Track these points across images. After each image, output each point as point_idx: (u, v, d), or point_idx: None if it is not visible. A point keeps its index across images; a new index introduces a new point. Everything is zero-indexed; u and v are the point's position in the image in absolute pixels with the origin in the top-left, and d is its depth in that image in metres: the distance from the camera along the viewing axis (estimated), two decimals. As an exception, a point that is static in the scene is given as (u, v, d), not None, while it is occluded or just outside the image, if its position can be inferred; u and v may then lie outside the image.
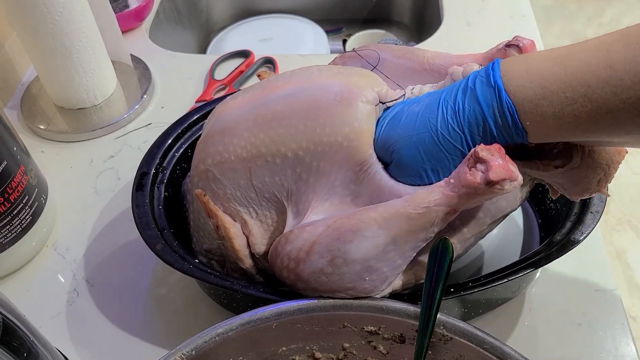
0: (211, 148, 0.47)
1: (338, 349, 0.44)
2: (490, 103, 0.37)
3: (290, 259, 0.42)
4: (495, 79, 0.37)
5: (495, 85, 0.37)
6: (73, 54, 0.70)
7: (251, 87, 0.48)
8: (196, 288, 0.56)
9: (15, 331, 0.37)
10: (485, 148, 0.36)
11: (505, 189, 0.36)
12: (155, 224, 0.50)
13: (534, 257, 0.46)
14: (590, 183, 0.40)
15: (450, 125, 0.38)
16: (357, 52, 0.50)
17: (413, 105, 0.41)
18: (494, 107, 0.37)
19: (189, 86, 0.81)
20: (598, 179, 0.41)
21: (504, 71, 0.37)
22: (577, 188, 0.41)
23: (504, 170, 0.36)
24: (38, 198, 0.60)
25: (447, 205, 0.38)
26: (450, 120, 0.38)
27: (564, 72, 0.35)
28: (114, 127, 0.74)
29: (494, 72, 0.37)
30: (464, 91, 0.38)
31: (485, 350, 0.39)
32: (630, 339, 0.51)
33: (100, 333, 0.54)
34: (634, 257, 1.54)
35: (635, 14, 2.31)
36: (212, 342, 0.41)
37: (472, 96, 0.38)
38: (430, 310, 0.40)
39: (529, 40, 0.42)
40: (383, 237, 0.40)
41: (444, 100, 0.39)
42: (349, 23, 1.15)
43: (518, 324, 0.52)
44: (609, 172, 0.40)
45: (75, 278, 0.59)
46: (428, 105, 0.40)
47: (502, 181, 0.36)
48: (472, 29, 0.88)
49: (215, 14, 1.14)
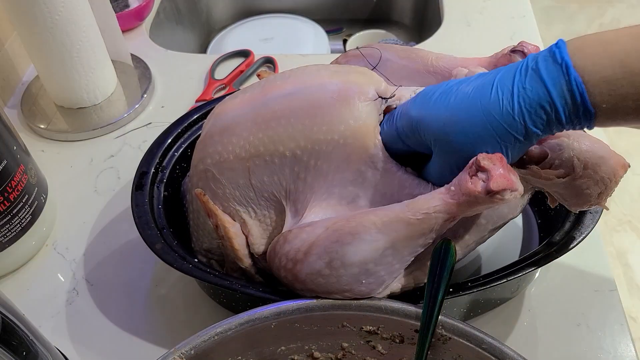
0: (210, 148, 0.47)
1: (337, 349, 0.44)
2: (557, 82, 0.34)
3: (288, 259, 0.42)
4: (562, 56, 0.34)
5: (562, 62, 0.34)
6: (73, 53, 0.70)
7: (250, 87, 0.48)
8: (195, 287, 0.57)
9: (15, 330, 0.37)
10: (486, 157, 0.36)
11: (505, 198, 0.36)
12: (154, 224, 0.50)
13: (533, 257, 0.46)
14: (591, 196, 0.40)
15: (507, 110, 0.35)
16: (360, 51, 0.50)
17: (462, 85, 0.38)
18: (562, 86, 0.34)
19: (189, 86, 0.81)
20: (599, 192, 0.40)
21: (574, 48, 0.34)
22: (577, 199, 0.41)
23: (505, 179, 0.36)
24: (38, 197, 0.60)
25: (447, 212, 0.38)
26: (506, 104, 0.35)
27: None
28: (114, 127, 0.74)
29: (560, 50, 0.34)
30: (524, 72, 0.35)
31: (484, 350, 0.39)
32: (629, 339, 0.51)
33: (100, 332, 0.54)
34: (634, 258, 1.54)
35: (636, 15, 2.30)
36: (211, 342, 0.41)
37: (535, 76, 0.35)
38: (432, 311, 0.40)
39: (533, 46, 0.42)
40: (382, 242, 0.40)
41: (499, 81, 0.36)
42: (349, 23, 1.15)
43: (517, 324, 0.52)
44: (610, 185, 0.40)
45: (75, 277, 0.59)
46: (480, 87, 0.37)
47: (503, 191, 0.36)
48: (472, 29, 0.88)
49: (215, 14, 1.14)
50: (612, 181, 0.40)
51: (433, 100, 0.39)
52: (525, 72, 0.35)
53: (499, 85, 0.36)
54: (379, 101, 0.43)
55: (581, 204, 0.41)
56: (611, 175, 0.40)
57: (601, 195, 0.40)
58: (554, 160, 0.40)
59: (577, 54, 0.34)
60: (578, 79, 0.33)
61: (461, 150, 0.38)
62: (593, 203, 0.41)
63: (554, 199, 0.43)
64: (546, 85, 0.34)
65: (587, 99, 0.34)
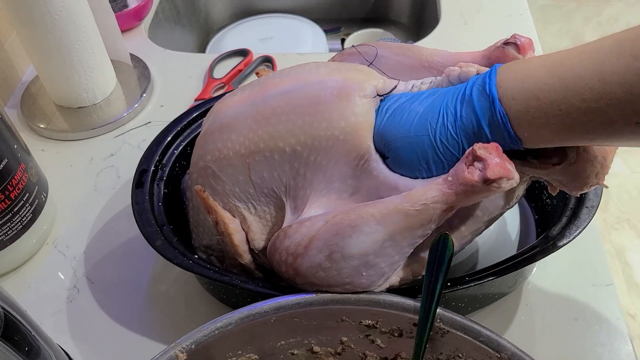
0: (210, 145, 0.47)
1: (336, 343, 0.44)
2: (485, 113, 0.38)
3: (288, 253, 0.42)
4: (490, 89, 0.37)
5: (490, 95, 0.37)
6: (72, 53, 0.70)
7: (249, 85, 0.49)
8: (196, 284, 0.57)
9: (17, 326, 0.37)
10: (483, 146, 0.37)
11: (502, 187, 0.37)
12: (155, 221, 0.51)
13: (530, 252, 0.47)
14: (589, 177, 0.41)
15: (450, 132, 0.39)
16: (357, 49, 0.51)
17: (415, 104, 0.41)
18: (488, 117, 0.37)
19: (188, 85, 0.81)
20: (596, 172, 0.41)
21: (500, 80, 0.37)
22: (576, 183, 0.41)
23: (501, 168, 0.36)
24: (38, 196, 0.60)
25: (445, 202, 0.39)
26: (450, 127, 0.39)
27: (558, 84, 0.34)
28: (114, 126, 0.75)
29: (490, 81, 0.38)
30: (462, 100, 0.39)
31: (482, 342, 0.40)
32: (625, 334, 0.51)
33: (101, 329, 0.55)
34: (632, 256, 1.54)
35: (633, 14, 2.31)
36: (212, 336, 0.41)
37: (469, 105, 0.38)
38: (430, 304, 0.40)
39: (526, 39, 0.42)
40: (381, 233, 0.40)
41: (446, 106, 0.40)
42: (347, 22, 1.15)
43: (515, 319, 0.53)
44: (605, 163, 0.41)
45: (76, 275, 0.59)
46: (430, 108, 0.40)
47: (499, 179, 0.36)
48: (469, 27, 0.89)
49: (214, 14, 1.14)
50: (607, 158, 0.41)
51: (390, 116, 0.42)
52: (463, 100, 0.39)
53: (445, 110, 0.39)
54: (378, 98, 0.43)
55: (581, 186, 0.41)
56: (605, 152, 0.40)
57: (599, 174, 0.41)
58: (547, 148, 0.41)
59: (502, 87, 0.37)
60: (502, 111, 0.37)
61: (409, 164, 0.41)
62: (593, 183, 0.41)
63: (554, 187, 0.44)
64: (477, 116, 0.38)
65: (511, 129, 0.37)
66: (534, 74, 0.36)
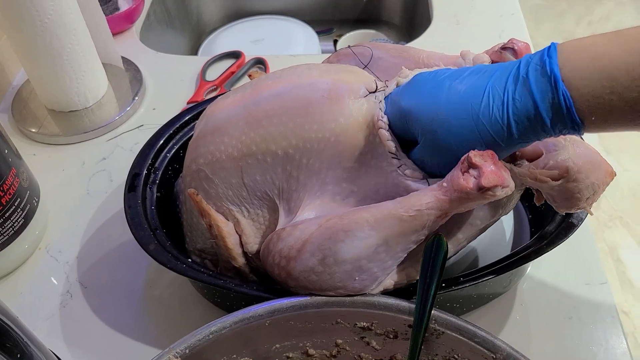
0: (203, 148, 0.47)
1: (331, 345, 0.44)
2: (545, 95, 0.34)
3: (281, 256, 0.42)
4: (552, 68, 0.34)
5: (551, 74, 0.34)
6: (63, 56, 0.70)
7: (242, 87, 0.49)
8: (190, 288, 0.57)
9: (9, 332, 0.37)
10: (478, 154, 0.36)
11: (497, 195, 0.37)
12: (148, 225, 0.50)
13: (524, 252, 0.47)
14: (580, 200, 0.41)
15: (496, 118, 0.36)
16: (352, 49, 0.51)
17: (455, 82, 0.38)
18: (549, 100, 0.34)
19: (180, 87, 0.81)
20: (587, 197, 0.41)
21: (564, 59, 0.34)
22: (566, 202, 0.41)
23: (496, 176, 0.36)
24: (30, 201, 0.60)
25: (439, 209, 0.38)
26: (496, 113, 0.35)
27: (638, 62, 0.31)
28: (106, 129, 0.74)
29: (550, 60, 0.34)
30: (515, 80, 0.35)
31: (477, 343, 0.40)
32: (620, 331, 0.51)
33: (94, 334, 0.54)
34: (625, 253, 1.55)
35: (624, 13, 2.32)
36: (206, 340, 0.41)
37: (524, 86, 0.35)
38: (425, 305, 0.40)
39: (524, 43, 0.42)
40: (374, 238, 0.40)
41: (492, 87, 0.36)
42: (339, 23, 1.15)
43: (509, 319, 0.53)
44: (598, 191, 0.41)
45: (69, 280, 0.59)
46: (473, 89, 0.37)
47: (494, 187, 0.36)
48: (461, 27, 0.89)
49: (206, 16, 1.14)
50: (600, 187, 0.41)
51: (424, 92, 0.39)
52: (516, 81, 0.35)
53: (491, 91, 0.36)
54: (370, 96, 0.43)
55: (569, 206, 0.41)
56: (601, 181, 0.41)
57: (589, 200, 0.41)
58: (548, 160, 0.41)
59: (567, 66, 0.33)
60: (566, 92, 0.33)
61: (446, 148, 0.38)
62: (581, 207, 0.41)
63: (541, 197, 0.44)
64: (535, 99, 0.34)
65: (574, 113, 0.34)
66: (606, 51, 0.33)
